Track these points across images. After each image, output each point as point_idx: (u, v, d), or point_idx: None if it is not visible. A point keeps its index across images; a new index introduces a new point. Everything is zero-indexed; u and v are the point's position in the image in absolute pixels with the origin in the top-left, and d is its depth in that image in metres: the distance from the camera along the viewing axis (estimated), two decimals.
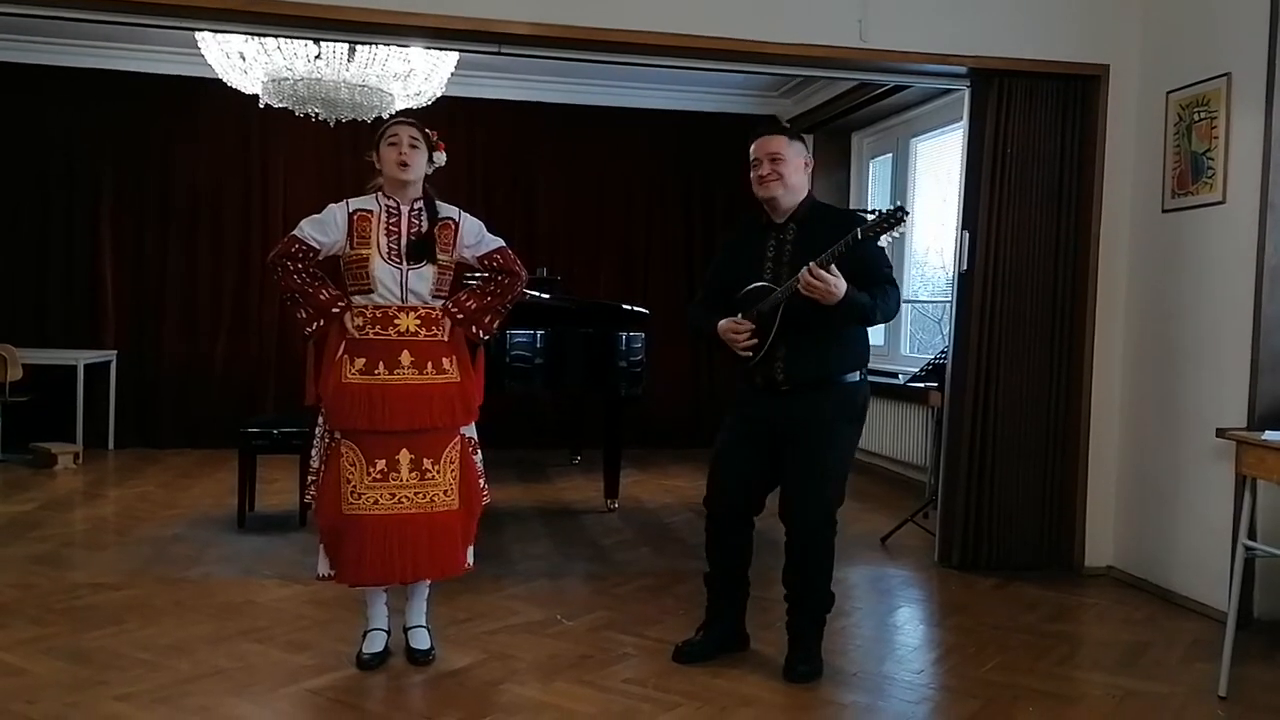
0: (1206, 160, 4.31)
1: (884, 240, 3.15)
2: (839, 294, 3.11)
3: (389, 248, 3.29)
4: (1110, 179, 4.78)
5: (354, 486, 3.25)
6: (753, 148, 3.40)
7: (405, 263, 3.29)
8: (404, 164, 3.28)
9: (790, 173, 3.36)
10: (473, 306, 3.42)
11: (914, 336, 7.70)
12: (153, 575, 4.36)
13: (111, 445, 7.67)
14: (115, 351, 7.75)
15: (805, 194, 3.43)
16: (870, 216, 3.21)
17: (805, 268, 3.11)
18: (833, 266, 3.11)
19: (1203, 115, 4.33)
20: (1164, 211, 4.56)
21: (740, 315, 3.36)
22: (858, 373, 3.40)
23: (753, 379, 3.39)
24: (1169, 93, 4.53)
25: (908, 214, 3.06)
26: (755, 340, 3.30)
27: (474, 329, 3.42)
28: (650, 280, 8.53)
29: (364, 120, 6.15)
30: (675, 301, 7.76)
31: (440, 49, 5.62)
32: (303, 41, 5.47)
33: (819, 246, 3.18)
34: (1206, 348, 4.30)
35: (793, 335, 3.27)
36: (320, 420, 3.37)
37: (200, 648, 3.48)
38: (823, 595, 3.43)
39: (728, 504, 3.48)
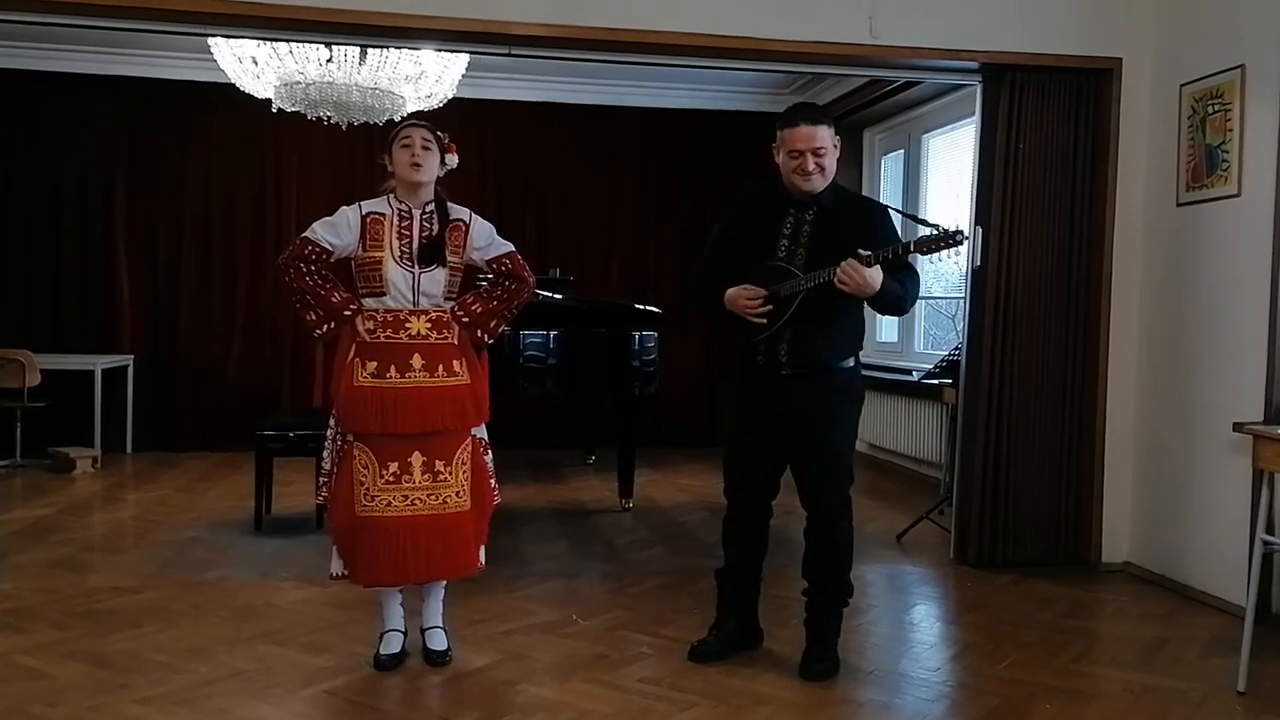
0: (1221, 153, 4.28)
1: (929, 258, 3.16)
2: (874, 289, 3.13)
3: (401, 251, 3.30)
4: (1124, 173, 4.76)
5: (367, 489, 3.27)
6: (791, 136, 3.28)
7: (417, 266, 3.31)
8: (416, 165, 3.29)
9: (830, 163, 3.33)
10: (478, 310, 3.42)
11: (928, 333, 7.67)
12: (172, 578, 4.40)
13: (129, 449, 7.73)
14: (132, 356, 7.80)
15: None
16: (923, 230, 3.16)
17: (844, 263, 3.09)
18: (868, 263, 3.11)
19: (1217, 108, 4.31)
20: (1179, 205, 4.54)
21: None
22: (852, 359, 3.43)
23: (754, 357, 3.39)
24: (1182, 86, 4.50)
25: (966, 239, 3.02)
26: (770, 307, 3.29)
27: (479, 332, 3.43)
28: (662, 279, 8.52)
29: (376, 123, 6.17)
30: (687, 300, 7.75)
31: (451, 51, 5.63)
32: (314, 45, 5.49)
33: (839, 232, 3.21)
34: (1222, 342, 4.28)
35: (801, 320, 3.28)
36: (332, 423, 3.38)
37: (219, 650, 3.50)
38: (843, 581, 3.45)
39: (748, 496, 3.50)
